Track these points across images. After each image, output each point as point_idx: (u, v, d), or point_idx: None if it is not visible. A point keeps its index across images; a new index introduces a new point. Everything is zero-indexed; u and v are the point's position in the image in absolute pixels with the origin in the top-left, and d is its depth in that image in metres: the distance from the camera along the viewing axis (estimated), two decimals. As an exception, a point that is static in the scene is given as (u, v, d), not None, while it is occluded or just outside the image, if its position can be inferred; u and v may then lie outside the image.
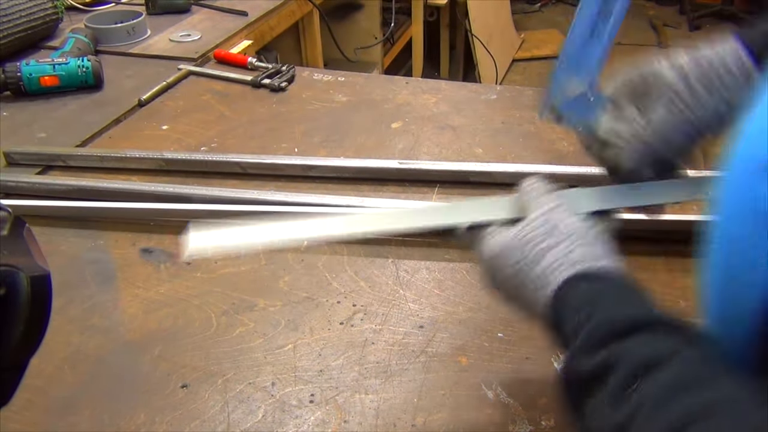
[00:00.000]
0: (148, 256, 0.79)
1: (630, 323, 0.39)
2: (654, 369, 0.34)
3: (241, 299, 0.72)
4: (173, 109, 1.11)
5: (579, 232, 0.48)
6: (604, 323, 0.40)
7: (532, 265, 0.47)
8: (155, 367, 0.64)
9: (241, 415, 0.59)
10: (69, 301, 0.72)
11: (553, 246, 0.47)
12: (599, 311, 0.41)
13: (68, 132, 1.05)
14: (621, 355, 0.37)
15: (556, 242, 0.47)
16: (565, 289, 0.45)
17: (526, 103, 1.09)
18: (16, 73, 1.13)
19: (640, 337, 0.38)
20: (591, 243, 0.47)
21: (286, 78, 1.17)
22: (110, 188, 0.87)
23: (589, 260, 0.46)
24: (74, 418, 0.60)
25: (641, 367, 0.35)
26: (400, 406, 0.60)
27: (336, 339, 0.67)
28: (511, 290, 0.50)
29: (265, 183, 0.90)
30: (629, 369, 0.36)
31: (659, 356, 0.35)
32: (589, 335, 0.40)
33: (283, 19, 1.59)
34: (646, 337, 0.38)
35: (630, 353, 0.37)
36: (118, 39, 1.36)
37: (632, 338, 0.38)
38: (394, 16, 2.51)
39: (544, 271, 0.46)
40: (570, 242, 0.47)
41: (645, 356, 0.36)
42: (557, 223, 0.48)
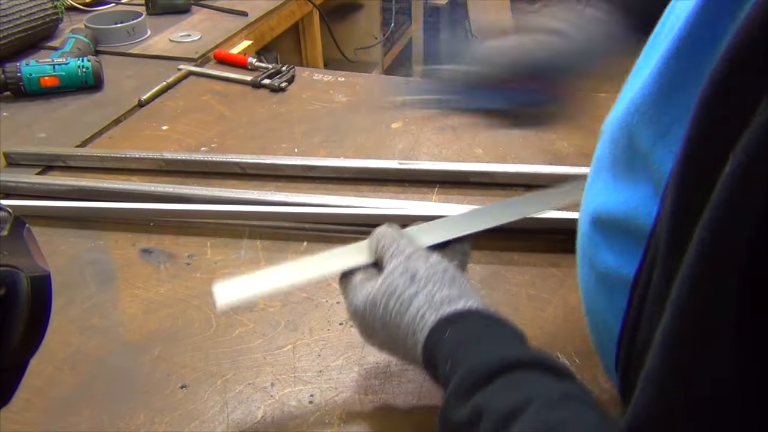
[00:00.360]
0: (147, 256, 0.79)
1: (490, 371, 0.39)
2: (511, 423, 0.35)
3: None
4: (173, 110, 1.11)
5: (437, 275, 0.48)
6: (466, 375, 0.40)
7: (398, 318, 0.47)
8: (155, 368, 0.64)
9: (241, 415, 0.59)
10: (69, 301, 0.72)
11: (414, 294, 0.47)
12: (463, 360, 0.42)
13: (68, 132, 1.05)
14: (483, 408, 0.37)
15: (416, 290, 0.47)
16: (433, 338, 0.45)
17: (526, 104, 1.09)
18: (16, 74, 1.13)
19: (500, 383, 0.39)
20: (450, 283, 0.48)
21: (286, 78, 1.17)
22: (110, 188, 0.87)
23: (452, 302, 0.46)
24: (74, 419, 0.60)
25: (501, 420, 0.36)
26: (400, 406, 0.60)
27: (336, 339, 0.67)
28: (384, 341, 0.50)
29: (265, 183, 0.90)
30: (491, 424, 0.36)
31: (515, 407, 0.36)
32: (455, 387, 0.40)
33: (283, 19, 1.59)
34: (505, 382, 0.39)
35: (491, 405, 0.37)
36: (118, 39, 1.36)
37: (493, 385, 0.39)
38: (394, 17, 2.51)
39: (411, 320, 0.47)
40: (431, 287, 0.47)
41: (504, 408, 0.36)
42: (417, 269, 0.49)
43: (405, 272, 0.49)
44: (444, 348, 0.44)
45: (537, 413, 0.35)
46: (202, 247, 0.80)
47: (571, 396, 0.37)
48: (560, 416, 0.35)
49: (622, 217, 0.37)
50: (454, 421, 0.39)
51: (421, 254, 0.50)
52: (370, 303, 0.49)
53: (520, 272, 0.73)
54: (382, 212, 0.79)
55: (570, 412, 0.35)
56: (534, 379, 0.39)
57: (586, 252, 0.44)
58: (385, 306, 0.48)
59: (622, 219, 0.37)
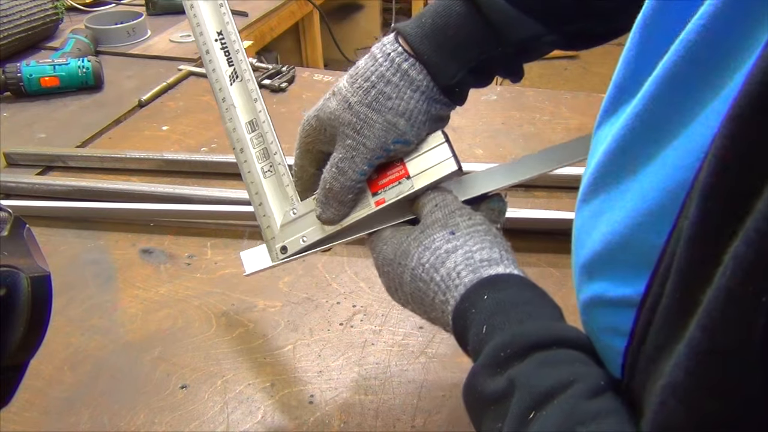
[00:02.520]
0: (147, 256, 0.79)
1: (530, 343, 0.37)
2: (547, 403, 0.34)
3: (240, 300, 0.72)
4: (173, 110, 1.11)
5: (479, 234, 0.46)
6: (504, 344, 0.38)
7: (431, 272, 0.45)
8: (155, 368, 0.64)
9: (241, 416, 0.59)
10: (69, 301, 0.72)
11: (452, 250, 0.45)
12: (500, 328, 0.39)
13: (68, 132, 1.05)
14: (519, 382, 0.35)
15: (455, 246, 0.45)
16: (468, 299, 0.42)
17: (527, 104, 1.09)
18: (17, 74, 1.13)
19: (539, 358, 0.36)
20: (492, 245, 0.45)
21: (287, 79, 1.17)
22: (110, 189, 0.87)
23: (491, 264, 0.44)
24: (74, 419, 0.60)
25: (537, 398, 0.34)
26: (400, 407, 0.60)
27: (336, 340, 0.67)
28: (410, 296, 0.47)
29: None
30: (525, 402, 0.34)
31: (554, 387, 0.34)
32: (489, 355, 0.38)
33: (284, 19, 1.59)
34: (546, 358, 0.37)
35: (528, 381, 0.35)
36: (118, 39, 1.36)
37: (532, 359, 0.37)
38: (394, 17, 2.51)
39: (445, 277, 0.44)
40: (471, 245, 0.45)
41: (542, 386, 0.34)
42: (458, 224, 0.46)
43: (445, 226, 0.46)
44: (481, 311, 0.41)
45: (577, 397, 0.33)
46: (202, 247, 0.80)
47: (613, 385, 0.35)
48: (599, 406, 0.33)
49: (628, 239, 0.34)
50: (484, 391, 0.37)
51: (465, 211, 0.47)
52: (401, 253, 0.47)
53: (520, 272, 0.73)
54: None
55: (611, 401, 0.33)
56: (576, 360, 0.36)
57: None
58: (418, 258, 0.45)
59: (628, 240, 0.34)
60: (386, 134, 0.48)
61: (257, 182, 0.55)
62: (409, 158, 0.50)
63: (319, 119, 0.51)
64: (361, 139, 0.48)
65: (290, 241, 0.53)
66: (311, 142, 0.53)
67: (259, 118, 0.56)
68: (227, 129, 0.56)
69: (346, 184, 0.49)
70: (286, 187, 0.54)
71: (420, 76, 0.48)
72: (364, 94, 0.48)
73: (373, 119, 0.48)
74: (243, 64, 0.56)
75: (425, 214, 0.48)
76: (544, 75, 3.35)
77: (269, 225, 0.54)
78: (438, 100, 0.49)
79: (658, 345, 0.30)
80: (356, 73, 0.49)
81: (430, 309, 0.46)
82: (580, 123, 1.02)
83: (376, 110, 0.48)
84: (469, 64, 0.48)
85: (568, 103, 1.08)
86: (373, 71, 0.49)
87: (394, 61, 0.48)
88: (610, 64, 0.66)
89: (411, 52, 0.48)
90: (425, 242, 0.46)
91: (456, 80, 0.49)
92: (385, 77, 0.48)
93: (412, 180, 0.50)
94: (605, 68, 3.42)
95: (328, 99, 0.50)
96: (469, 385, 0.39)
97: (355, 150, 0.49)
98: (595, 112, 0.55)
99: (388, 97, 0.48)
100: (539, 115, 1.05)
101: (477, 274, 0.43)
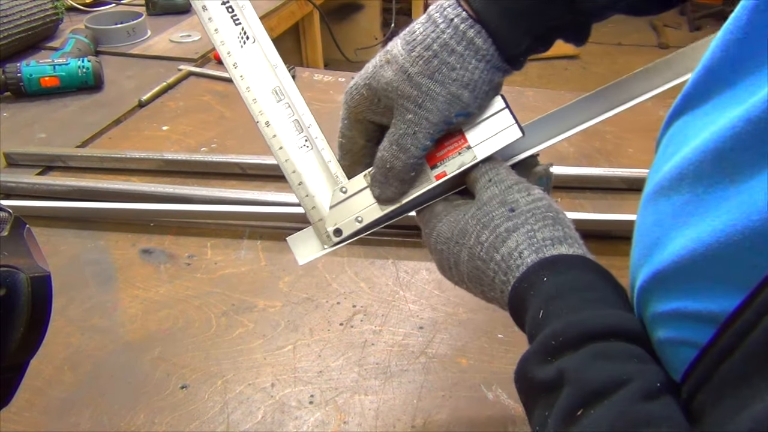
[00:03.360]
0: (147, 256, 0.79)
1: (585, 332, 0.36)
2: (599, 400, 0.32)
3: (240, 300, 0.72)
4: (173, 110, 1.11)
5: (540, 210, 0.43)
6: (558, 331, 0.36)
7: (491, 251, 0.43)
8: (155, 368, 0.64)
9: (241, 416, 0.59)
10: (69, 301, 0.72)
11: (513, 228, 0.42)
12: (558, 313, 0.38)
13: (68, 133, 1.05)
14: (570, 375, 0.34)
15: (516, 225, 0.43)
16: (528, 279, 0.40)
17: (527, 104, 1.09)
18: (17, 74, 1.13)
19: (594, 350, 0.35)
20: (554, 223, 0.43)
21: (287, 79, 1.17)
22: (110, 189, 0.87)
23: (554, 244, 0.42)
24: (74, 419, 0.60)
25: (589, 393, 0.33)
26: (400, 407, 0.60)
27: (336, 340, 0.67)
28: (467, 275, 0.45)
29: (265, 183, 0.90)
30: (576, 395, 0.33)
31: (607, 384, 0.32)
32: (541, 342, 0.37)
33: (284, 19, 1.59)
34: (601, 350, 0.35)
35: (579, 374, 0.34)
36: (118, 40, 1.36)
37: (586, 350, 0.35)
38: (395, 17, 2.51)
39: (506, 256, 0.42)
40: (533, 223, 0.43)
41: (594, 382, 0.33)
42: (517, 201, 0.44)
43: (503, 203, 0.44)
44: (540, 294, 0.39)
45: (630, 399, 0.31)
46: (202, 247, 0.80)
47: (671, 388, 0.33)
48: (653, 411, 0.31)
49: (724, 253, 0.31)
50: (535, 378, 0.36)
51: (522, 186, 0.45)
52: (458, 232, 0.45)
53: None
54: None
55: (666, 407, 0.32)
56: (632, 356, 0.34)
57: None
58: (477, 236, 0.43)
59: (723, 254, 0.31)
60: (450, 107, 0.45)
61: (293, 159, 0.49)
62: (468, 127, 0.47)
63: (371, 88, 0.47)
64: (424, 113, 0.45)
65: (344, 223, 0.49)
66: (361, 113, 0.49)
67: (284, 85, 0.49)
68: (246, 100, 0.49)
69: (408, 162, 0.46)
70: (329, 163, 0.49)
71: (486, 44, 0.45)
72: (425, 64, 0.45)
73: (436, 92, 0.45)
74: (253, 21, 0.48)
75: (479, 188, 0.46)
76: (544, 75, 3.35)
77: (314, 206, 0.49)
78: (501, 68, 0.46)
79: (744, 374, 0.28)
80: (414, 39, 0.45)
81: (489, 289, 0.44)
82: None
83: (439, 82, 0.45)
84: (536, 32, 0.45)
85: (568, 103, 1.08)
86: (435, 38, 0.45)
87: (458, 27, 0.44)
88: (609, 64, 0.65)
89: (475, 17, 0.44)
90: (483, 220, 0.44)
91: (522, 48, 0.45)
92: (449, 46, 0.44)
93: (474, 150, 0.47)
94: (605, 68, 3.42)
95: (381, 66, 0.46)
96: (521, 370, 0.38)
97: (417, 125, 0.45)
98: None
99: (452, 68, 0.44)
100: (539, 115, 1.05)
101: (540, 254, 0.41)
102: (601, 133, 0.99)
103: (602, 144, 0.97)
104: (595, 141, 0.98)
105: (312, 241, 0.50)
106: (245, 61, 0.48)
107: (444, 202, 0.48)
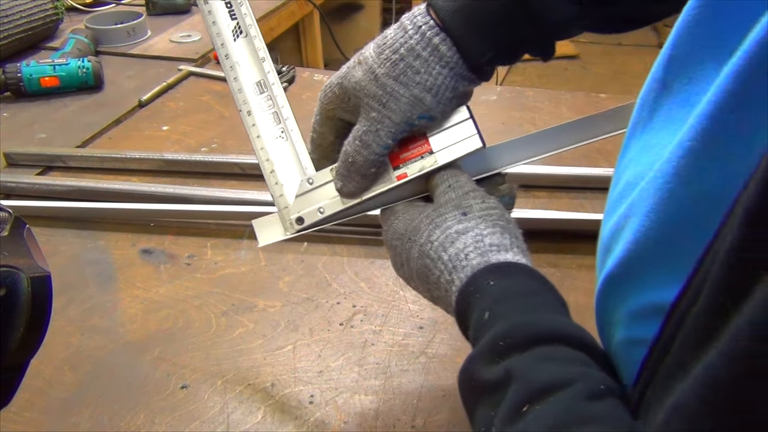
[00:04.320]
0: (148, 256, 0.79)
1: (532, 335, 0.37)
2: (544, 397, 0.33)
3: (240, 300, 0.72)
4: (173, 110, 1.11)
5: (491, 218, 0.45)
6: (506, 332, 0.37)
7: (440, 251, 0.44)
8: (155, 368, 0.64)
9: (241, 416, 0.59)
10: (69, 301, 0.72)
11: (463, 231, 0.44)
12: (502, 316, 0.39)
13: (68, 133, 1.05)
14: (517, 374, 0.35)
15: (466, 228, 0.44)
16: (473, 283, 0.42)
17: (527, 104, 1.09)
18: (17, 74, 1.13)
19: (541, 352, 0.36)
20: (503, 231, 0.45)
21: (287, 79, 1.17)
22: (110, 189, 0.87)
23: (499, 250, 0.43)
24: (74, 419, 0.60)
25: (535, 390, 0.33)
26: (400, 407, 0.60)
27: (336, 340, 0.67)
28: (416, 272, 0.47)
29: (265, 184, 0.90)
30: (523, 391, 0.34)
31: (552, 383, 0.33)
32: (488, 343, 0.38)
33: (284, 19, 1.59)
34: (547, 353, 0.36)
35: (526, 374, 0.35)
36: (118, 40, 1.36)
37: (533, 352, 0.36)
38: (395, 17, 2.51)
39: (453, 257, 0.44)
40: (483, 228, 0.44)
41: (540, 380, 0.34)
42: (471, 206, 0.46)
43: (458, 207, 0.46)
44: (485, 297, 0.40)
45: (574, 397, 0.33)
46: (202, 247, 0.80)
47: (613, 391, 0.34)
48: (597, 408, 0.32)
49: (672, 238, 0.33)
50: (480, 378, 0.37)
51: (479, 194, 0.47)
52: (412, 229, 0.47)
53: (520, 273, 0.73)
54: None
55: (608, 407, 0.33)
56: (578, 359, 0.36)
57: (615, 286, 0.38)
58: (428, 235, 0.45)
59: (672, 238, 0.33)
60: (412, 109, 0.47)
61: (268, 148, 0.52)
62: (432, 133, 0.49)
63: (342, 87, 0.49)
64: (387, 112, 0.47)
65: (306, 212, 0.52)
66: (332, 110, 0.51)
67: (267, 79, 0.53)
68: (232, 89, 0.53)
69: (369, 158, 0.48)
70: (300, 155, 0.52)
71: (450, 52, 0.47)
72: (391, 67, 0.47)
73: (399, 93, 0.47)
74: (248, 18, 0.52)
75: (439, 193, 0.48)
76: (543, 75, 3.35)
77: (282, 194, 0.52)
78: (465, 77, 0.48)
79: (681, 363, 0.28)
80: (384, 43, 0.48)
81: (435, 287, 0.45)
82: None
83: (403, 84, 0.47)
84: (500, 43, 0.47)
85: (567, 103, 1.08)
86: (402, 43, 0.47)
87: (425, 34, 0.47)
88: (609, 64, 0.65)
89: (441, 25, 0.47)
90: (437, 220, 0.46)
91: (486, 58, 0.47)
92: (415, 51, 0.47)
93: (435, 155, 0.50)
94: (604, 68, 3.42)
95: (353, 67, 0.49)
96: (465, 370, 0.39)
97: (380, 123, 0.48)
98: (595, 111, 0.55)
99: (416, 72, 0.47)
100: (539, 115, 1.05)
101: (485, 258, 0.43)
102: (601, 133, 0.99)
103: (602, 144, 0.96)
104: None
105: (275, 227, 0.54)
106: (236, 53, 0.53)
107: (405, 204, 0.51)
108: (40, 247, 0.39)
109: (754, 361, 0.23)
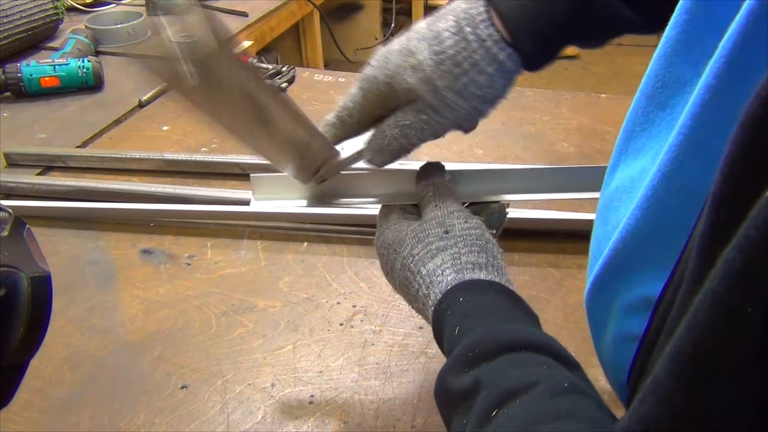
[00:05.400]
0: (147, 256, 0.79)
1: (498, 345, 0.38)
2: (511, 400, 0.34)
3: (240, 300, 0.72)
4: (173, 110, 1.11)
5: (470, 238, 0.47)
6: (473, 345, 0.39)
7: (419, 265, 0.46)
8: (155, 368, 0.64)
9: (241, 416, 0.59)
10: (69, 301, 0.72)
11: (442, 248, 0.46)
12: (471, 330, 0.41)
13: (68, 133, 1.05)
14: (484, 382, 0.36)
15: (445, 245, 0.46)
16: (446, 300, 0.44)
17: (527, 104, 1.09)
18: (17, 74, 1.13)
19: (506, 360, 0.38)
20: (480, 250, 0.46)
21: (287, 79, 1.17)
22: (110, 189, 0.87)
23: (474, 268, 0.45)
24: (74, 419, 0.60)
25: (502, 394, 0.35)
26: (400, 407, 0.60)
27: (336, 340, 0.67)
28: (398, 282, 0.49)
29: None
30: (491, 396, 0.35)
31: (518, 386, 0.35)
32: (460, 354, 0.39)
33: (284, 19, 1.59)
34: (512, 360, 0.38)
35: (493, 381, 0.36)
36: (118, 40, 1.36)
37: (499, 360, 0.38)
38: (395, 17, 2.52)
39: (431, 272, 0.46)
40: (461, 247, 0.46)
41: (506, 385, 0.35)
42: (453, 226, 0.47)
43: (441, 225, 0.48)
44: (455, 314, 0.42)
45: (540, 396, 0.34)
46: (202, 247, 0.80)
47: (578, 388, 0.35)
48: (562, 404, 0.34)
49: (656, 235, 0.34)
50: (452, 389, 0.39)
51: (462, 214, 0.49)
52: (398, 241, 0.49)
53: (520, 273, 0.73)
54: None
55: (573, 402, 0.34)
56: (542, 363, 0.37)
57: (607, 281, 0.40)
58: (411, 249, 0.47)
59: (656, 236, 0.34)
60: (469, 117, 0.49)
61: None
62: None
63: (391, 89, 0.48)
64: (439, 119, 0.48)
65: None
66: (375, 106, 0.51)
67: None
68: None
69: (406, 147, 0.50)
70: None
71: (515, 66, 0.47)
72: (453, 80, 0.46)
73: (460, 105, 0.47)
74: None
75: (427, 210, 0.50)
76: (543, 75, 3.31)
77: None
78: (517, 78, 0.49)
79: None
80: (443, 51, 0.46)
81: (414, 300, 0.48)
82: (580, 123, 1.02)
83: (464, 98, 0.47)
84: (562, 47, 0.48)
85: (568, 103, 1.08)
86: (466, 57, 0.46)
87: (490, 50, 0.46)
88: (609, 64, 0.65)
89: (508, 38, 0.46)
90: (420, 235, 0.48)
91: (545, 64, 0.48)
92: (479, 66, 0.46)
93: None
94: (604, 68, 3.42)
95: (405, 69, 0.47)
96: (439, 383, 0.40)
97: (427, 124, 0.48)
98: (595, 111, 0.55)
99: (479, 87, 0.47)
100: (539, 115, 1.05)
101: (459, 275, 0.44)
102: (601, 134, 0.99)
103: (602, 144, 0.97)
104: (595, 141, 0.98)
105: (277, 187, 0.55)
106: None
107: (399, 213, 0.52)
108: (40, 247, 0.39)
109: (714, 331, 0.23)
